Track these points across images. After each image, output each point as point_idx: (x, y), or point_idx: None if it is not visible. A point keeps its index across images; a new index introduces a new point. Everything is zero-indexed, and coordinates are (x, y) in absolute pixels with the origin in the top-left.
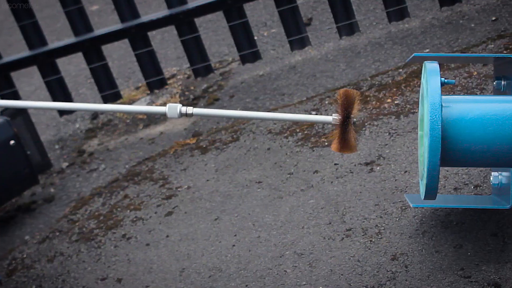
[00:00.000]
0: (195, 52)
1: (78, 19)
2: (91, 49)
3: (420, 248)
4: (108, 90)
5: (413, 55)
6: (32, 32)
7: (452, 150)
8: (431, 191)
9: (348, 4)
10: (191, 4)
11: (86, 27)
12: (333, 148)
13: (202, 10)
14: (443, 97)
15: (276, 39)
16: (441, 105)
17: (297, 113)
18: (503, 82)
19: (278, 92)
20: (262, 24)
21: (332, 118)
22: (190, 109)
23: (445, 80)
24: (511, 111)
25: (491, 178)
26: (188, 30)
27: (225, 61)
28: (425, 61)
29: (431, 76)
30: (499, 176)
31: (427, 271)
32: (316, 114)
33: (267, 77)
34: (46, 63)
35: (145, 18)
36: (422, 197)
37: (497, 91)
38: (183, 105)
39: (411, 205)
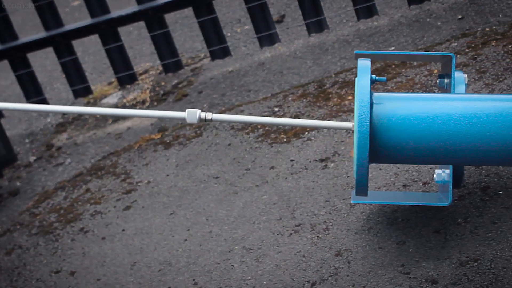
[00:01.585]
0: (165, 47)
1: (49, 14)
2: (62, 44)
3: (364, 244)
4: (79, 84)
5: (355, 52)
6: (2, 27)
7: (383, 147)
8: (361, 188)
9: (316, 1)
10: (160, 0)
11: (56, 22)
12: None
13: (171, 6)
14: (377, 94)
15: (249, 36)
16: (370, 102)
17: (260, 109)
18: (446, 80)
19: (245, 88)
20: (236, 21)
21: (352, 124)
22: (209, 115)
23: (376, 78)
24: (442, 109)
25: (435, 176)
26: (157, 26)
27: (197, 57)
28: (358, 59)
29: (361, 73)
30: (442, 174)
31: (369, 267)
32: (279, 111)
33: (236, 73)
34: (17, 57)
35: (114, 14)
36: (354, 193)
37: (441, 89)
38: (202, 111)
39: (351, 201)
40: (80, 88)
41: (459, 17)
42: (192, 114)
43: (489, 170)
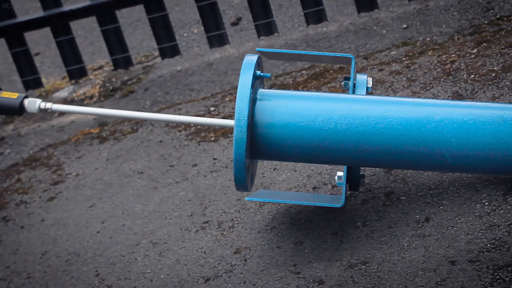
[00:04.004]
0: (116, 43)
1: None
2: (14, 35)
3: (264, 243)
4: (29, 76)
5: (256, 49)
6: None
7: (265, 144)
8: (240, 183)
9: (267, 5)
10: None
11: (9, 13)
12: None
13: (123, 3)
14: (263, 90)
15: (203, 37)
16: (251, 97)
17: (197, 108)
18: (349, 82)
19: (188, 87)
20: (195, 21)
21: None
22: None
23: (261, 74)
24: (325, 108)
25: (336, 178)
26: (109, 22)
27: (151, 56)
28: (246, 55)
29: (244, 69)
30: (343, 176)
31: (263, 265)
32: (214, 110)
33: (184, 73)
34: None
35: (66, 7)
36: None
37: (346, 91)
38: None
39: (245, 199)
40: (30, 79)
41: (404, 26)
42: None
43: (397, 176)
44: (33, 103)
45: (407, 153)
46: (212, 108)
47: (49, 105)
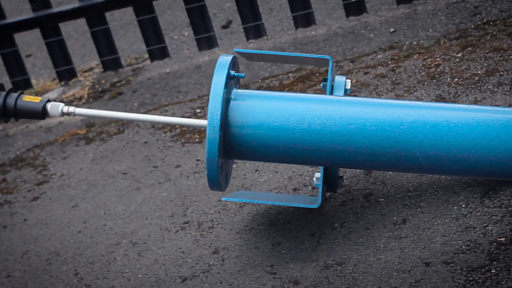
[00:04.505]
0: (105, 45)
1: None
2: (3, 36)
3: (242, 243)
4: (19, 76)
5: (234, 50)
6: None
7: (239, 144)
8: (213, 183)
9: (256, 8)
10: None
11: None
12: None
13: (111, 5)
14: (238, 90)
15: (194, 39)
16: (224, 97)
17: (183, 110)
18: (327, 84)
19: (176, 89)
20: (186, 25)
21: None
22: None
23: (235, 74)
24: (299, 109)
25: (314, 179)
26: (98, 23)
27: (141, 58)
28: (221, 55)
29: (218, 69)
30: (320, 177)
31: (240, 266)
32: (200, 112)
33: (172, 75)
34: None
35: (56, 9)
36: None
37: (324, 92)
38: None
39: (222, 199)
40: (20, 80)
41: (392, 30)
42: None
43: (377, 178)
44: (55, 107)
45: (380, 154)
46: (198, 110)
47: (71, 109)
